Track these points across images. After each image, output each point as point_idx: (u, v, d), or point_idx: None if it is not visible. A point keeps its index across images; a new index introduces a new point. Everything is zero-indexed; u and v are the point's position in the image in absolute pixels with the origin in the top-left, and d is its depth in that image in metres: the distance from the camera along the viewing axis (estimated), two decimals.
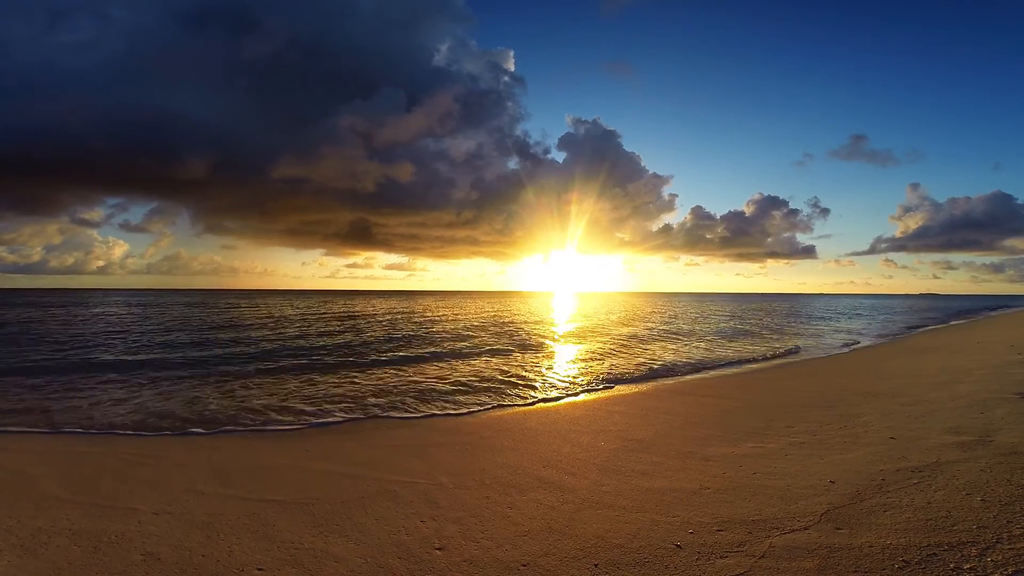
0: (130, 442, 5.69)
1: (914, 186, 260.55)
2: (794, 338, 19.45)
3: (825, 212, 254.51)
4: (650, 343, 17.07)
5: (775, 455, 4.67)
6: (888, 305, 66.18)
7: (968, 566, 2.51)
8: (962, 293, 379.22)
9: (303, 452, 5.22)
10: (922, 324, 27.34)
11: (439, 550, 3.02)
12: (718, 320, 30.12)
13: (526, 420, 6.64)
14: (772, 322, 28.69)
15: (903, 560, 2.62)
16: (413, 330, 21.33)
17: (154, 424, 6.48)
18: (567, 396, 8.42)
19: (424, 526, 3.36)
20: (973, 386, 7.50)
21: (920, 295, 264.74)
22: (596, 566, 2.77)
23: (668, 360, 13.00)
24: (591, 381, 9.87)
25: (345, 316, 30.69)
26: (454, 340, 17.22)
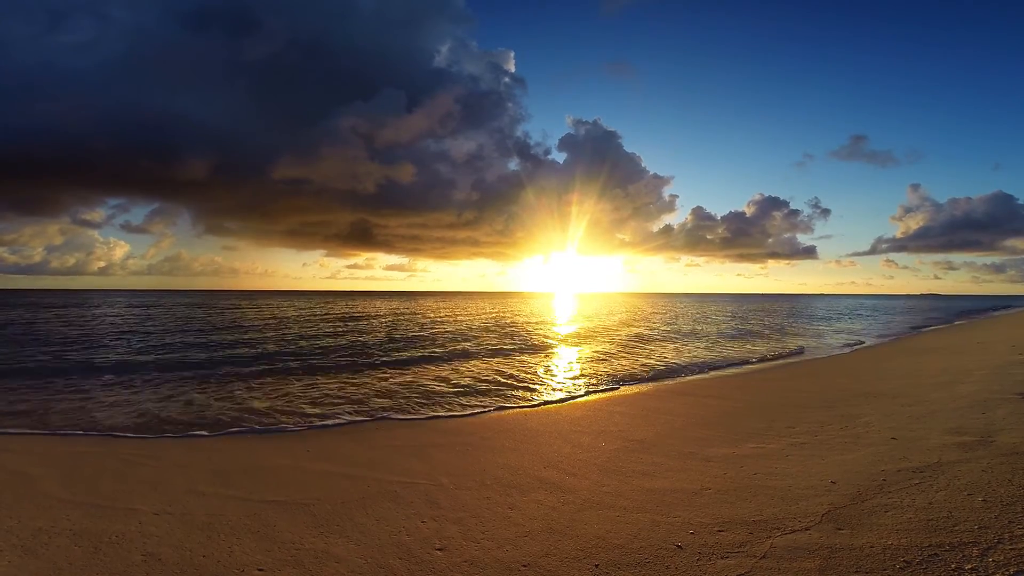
0: (130, 442, 5.69)
1: (915, 186, 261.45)
2: (795, 339, 19.44)
3: (826, 213, 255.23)
4: (651, 344, 17.06)
5: (776, 456, 4.67)
6: (889, 306, 66.09)
7: (969, 566, 2.50)
8: (963, 294, 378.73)
9: (304, 453, 5.23)
10: (925, 324, 27.30)
11: (440, 551, 3.02)
12: (719, 321, 30.10)
13: (527, 421, 6.64)
14: (773, 323, 28.67)
15: (904, 560, 2.62)
16: (414, 331, 21.33)
17: (156, 426, 6.48)
18: (568, 397, 8.41)
19: (425, 526, 3.36)
20: (974, 386, 7.49)
21: (921, 295, 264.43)
22: (597, 566, 2.77)
23: (669, 361, 12.99)
24: (592, 382, 9.87)
25: (346, 317, 30.70)
26: (455, 341, 17.23)
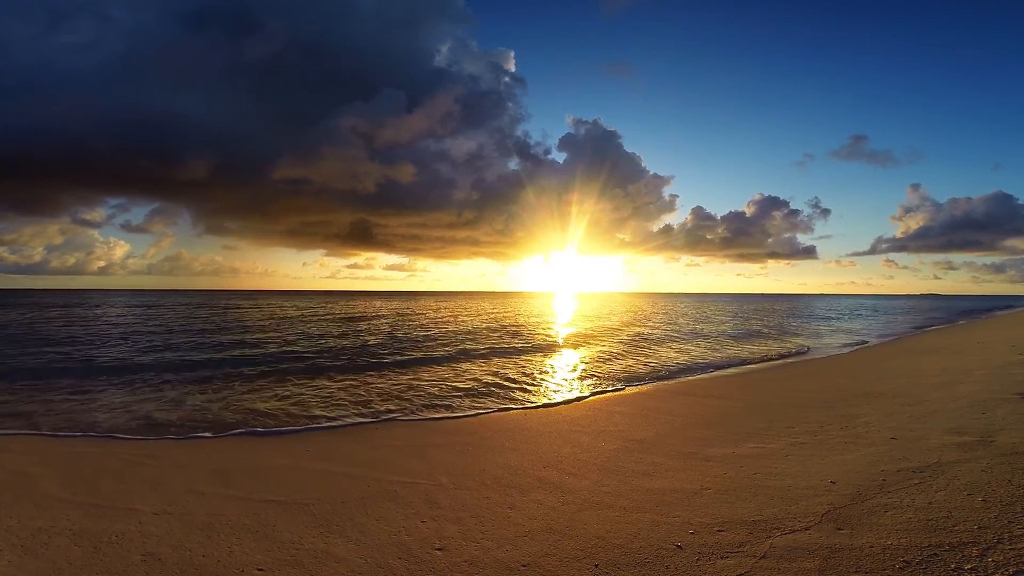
0: (130, 442, 5.69)
1: (915, 186, 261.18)
2: (795, 338, 19.44)
3: (826, 212, 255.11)
4: (651, 344, 17.06)
5: (776, 455, 4.67)
6: (890, 306, 66.06)
7: (969, 566, 2.50)
8: (963, 294, 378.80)
9: (304, 452, 5.23)
10: (926, 324, 27.29)
11: (439, 550, 3.02)
12: (719, 321, 30.10)
13: (527, 421, 6.64)
14: (773, 323, 28.67)
15: (904, 560, 2.62)
16: (415, 331, 21.33)
17: (157, 428, 6.47)
18: (568, 397, 8.41)
19: (424, 526, 3.36)
20: (974, 386, 7.49)
21: (921, 295, 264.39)
22: (597, 566, 2.77)
23: (669, 361, 12.99)
24: (592, 382, 9.87)
25: (346, 318, 30.70)
26: (455, 342, 17.23)
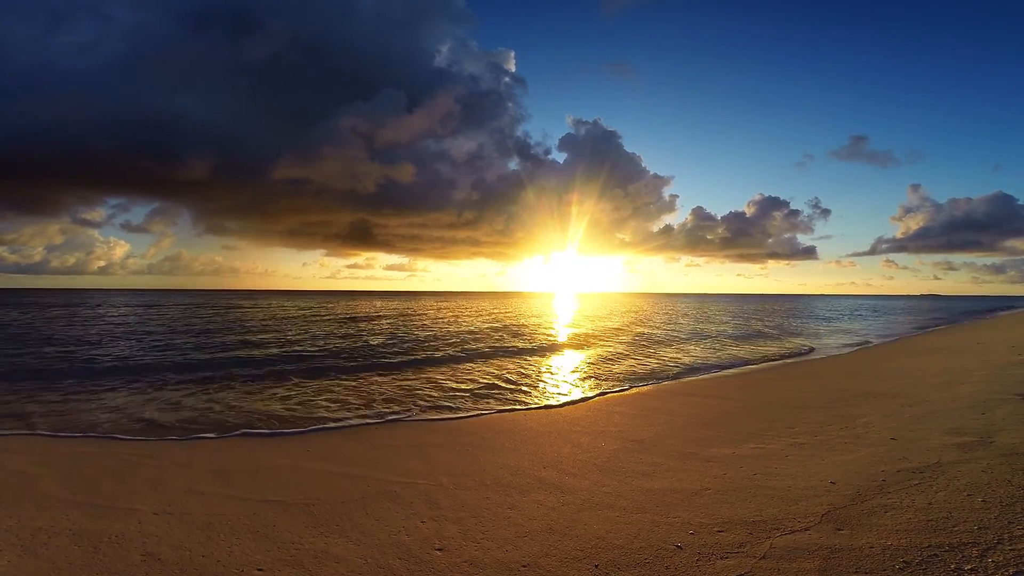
0: (130, 443, 5.69)
1: (915, 187, 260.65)
2: (795, 339, 19.44)
3: (826, 213, 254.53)
4: (651, 344, 17.06)
5: (776, 456, 4.67)
6: (890, 306, 66.07)
7: (969, 567, 2.50)
8: (963, 294, 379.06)
9: (304, 452, 5.23)
10: (927, 325, 27.28)
11: (439, 551, 3.02)
12: (719, 321, 30.10)
13: (527, 421, 6.64)
14: (773, 323, 28.67)
15: (904, 561, 2.62)
16: (416, 332, 21.33)
17: (157, 428, 6.46)
18: (569, 397, 8.41)
19: (424, 527, 3.36)
20: (974, 387, 7.49)
21: (921, 296, 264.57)
22: (597, 567, 2.77)
23: (669, 361, 12.99)
24: (593, 383, 9.87)
25: (347, 318, 30.70)
26: (456, 342, 17.22)
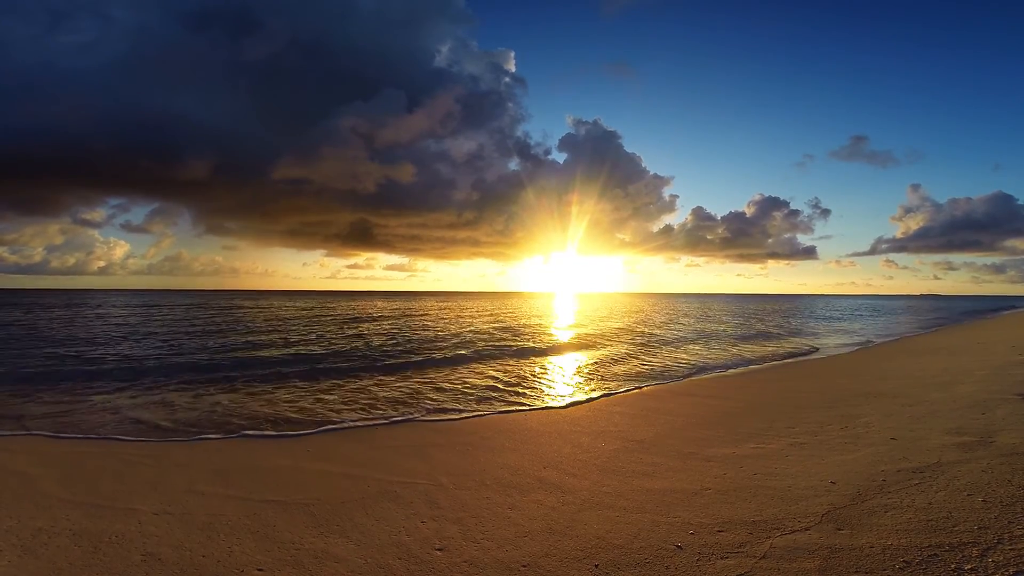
0: (131, 443, 5.69)
1: (915, 187, 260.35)
2: (796, 339, 19.44)
3: (826, 213, 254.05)
4: (651, 344, 17.06)
5: (776, 456, 4.67)
6: (890, 306, 66.07)
7: (969, 567, 2.50)
8: (963, 294, 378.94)
9: (304, 453, 5.23)
10: (928, 325, 27.26)
11: (439, 551, 3.02)
12: (719, 321, 30.10)
13: (527, 421, 6.64)
14: (773, 323, 28.67)
15: (904, 561, 2.62)
16: (417, 332, 21.33)
17: (158, 429, 6.45)
18: (569, 398, 8.42)
19: (424, 527, 3.36)
20: (974, 387, 7.49)
21: (921, 296, 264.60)
22: (597, 567, 2.77)
23: (669, 361, 12.99)
24: (593, 383, 9.87)
25: (348, 318, 30.69)
26: (457, 343, 17.21)
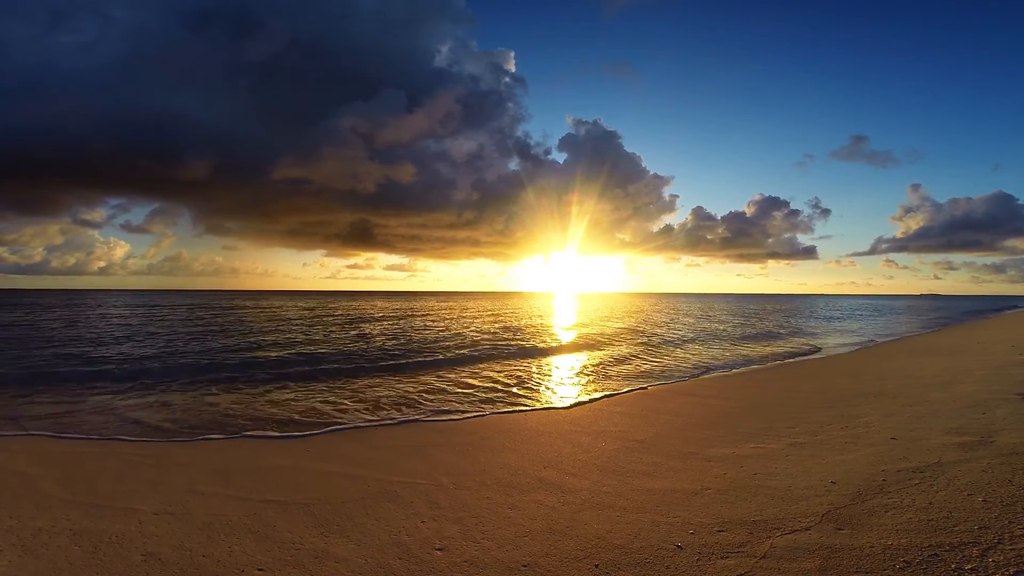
0: (131, 443, 5.69)
1: (915, 187, 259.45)
2: (796, 339, 19.43)
3: (826, 213, 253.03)
4: (652, 344, 17.06)
5: (776, 456, 4.67)
6: (890, 306, 66.07)
7: (970, 566, 2.50)
8: (963, 294, 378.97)
9: (304, 453, 5.23)
10: (929, 325, 27.25)
11: (440, 551, 3.02)
12: (719, 321, 30.10)
13: (527, 421, 6.64)
14: (773, 323, 28.67)
15: (904, 560, 2.62)
16: (417, 333, 21.33)
17: (158, 429, 6.43)
18: (569, 398, 8.42)
19: (425, 526, 3.36)
20: (974, 386, 7.49)
21: (921, 296, 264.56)
22: (597, 567, 2.77)
23: (670, 361, 13.00)
24: (593, 383, 9.87)
25: (349, 319, 30.69)
26: (457, 344, 17.20)
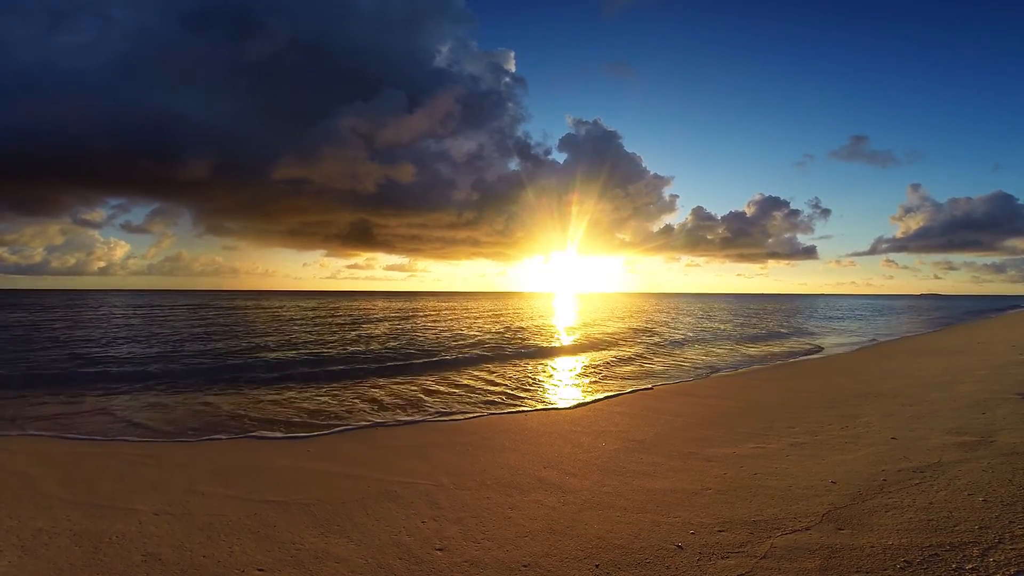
0: (131, 444, 5.69)
1: (915, 186, 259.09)
2: (796, 339, 19.43)
3: (826, 213, 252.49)
4: (652, 345, 17.06)
5: (776, 456, 4.67)
6: (890, 306, 66.07)
7: (970, 566, 2.50)
8: (963, 294, 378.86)
9: (304, 453, 5.23)
10: (929, 325, 27.23)
11: (440, 551, 3.02)
12: (720, 321, 30.10)
13: (527, 421, 6.64)
14: (773, 323, 28.67)
15: (905, 560, 2.62)
16: (418, 333, 21.33)
17: (158, 429, 6.43)
18: (570, 398, 8.42)
19: (425, 527, 3.36)
20: (975, 386, 7.49)
21: (921, 295, 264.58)
22: (597, 567, 2.77)
23: (670, 361, 13.00)
24: (594, 383, 9.87)
25: (349, 319, 30.69)
26: (457, 344, 17.20)
